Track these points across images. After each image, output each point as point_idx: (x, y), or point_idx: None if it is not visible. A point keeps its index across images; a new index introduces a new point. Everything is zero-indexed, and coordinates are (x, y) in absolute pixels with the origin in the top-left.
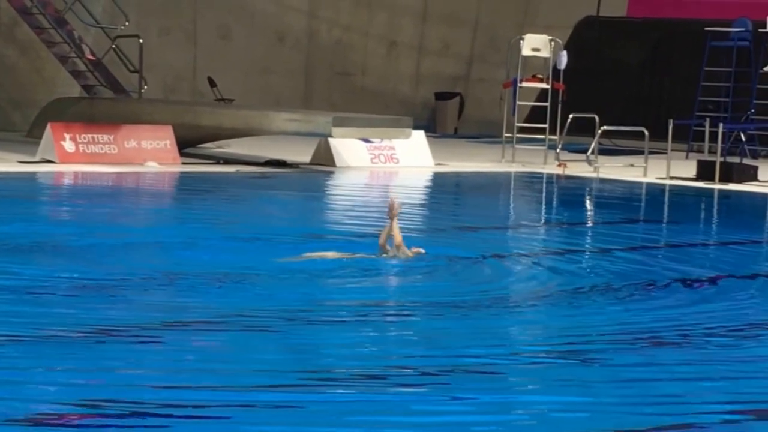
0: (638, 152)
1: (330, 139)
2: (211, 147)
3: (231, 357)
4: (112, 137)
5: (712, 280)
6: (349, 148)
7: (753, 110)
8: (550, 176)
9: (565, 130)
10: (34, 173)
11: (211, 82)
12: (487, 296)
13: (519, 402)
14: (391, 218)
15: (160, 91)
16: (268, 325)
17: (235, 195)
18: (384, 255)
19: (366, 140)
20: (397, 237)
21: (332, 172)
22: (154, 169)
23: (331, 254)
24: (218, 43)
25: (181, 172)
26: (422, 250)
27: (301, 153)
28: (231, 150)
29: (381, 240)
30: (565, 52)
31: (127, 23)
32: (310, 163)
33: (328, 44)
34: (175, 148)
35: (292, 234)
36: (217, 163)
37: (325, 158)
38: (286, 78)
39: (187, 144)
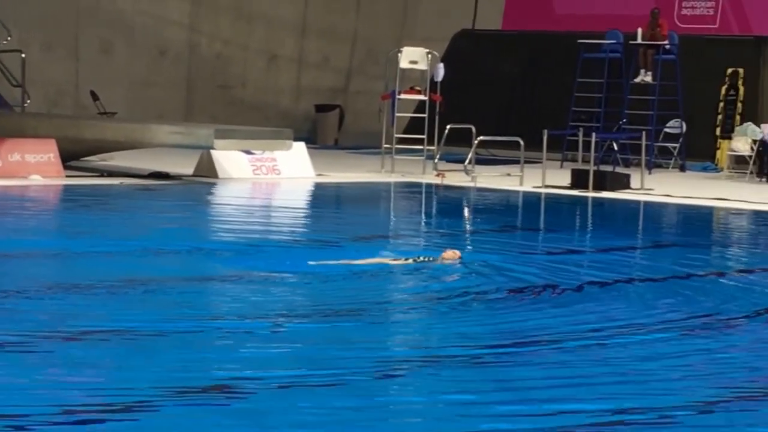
0: (514, 162)
1: (212, 151)
2: (95, 160)
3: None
4: None
5: (582, 286)
6: (231, 160)
7: (625, 120)
8: (428, 186)
9: (443, 141)
10: None
11: (94, 96)
12: (364, 304)
13: (403, 402)
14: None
15: (43, 105)
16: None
17: (119, 207)
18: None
19: (248, 152)
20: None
21: (215, 184)
22: (38, 182)
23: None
24: (100, 58)
25: (65, 185)
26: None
27: (183, 165)
28: (114, 162)
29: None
30: (442, 65)
31: (9, 38)
32: (193, 175)
33: (209, 58)
34: (59, 161)
35: (176, 244)
36: (101, 175)
37: (207, 170)
38: (168, 91)
39: (70, 157)
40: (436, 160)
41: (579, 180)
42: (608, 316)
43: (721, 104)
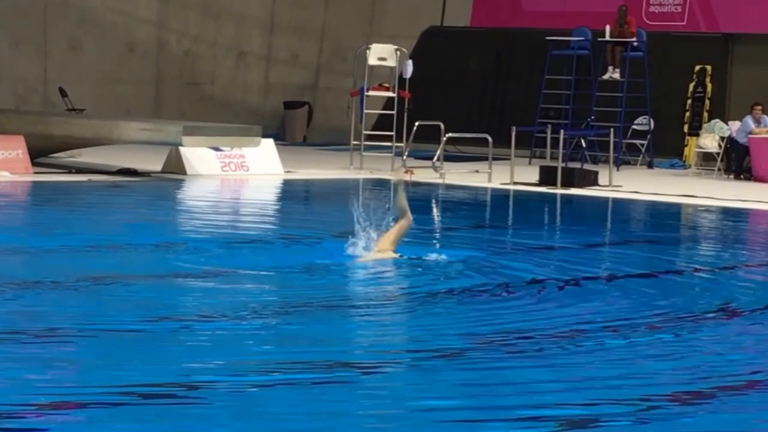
0: (482, 158)
1: (181, 148)
2: (63, 156)
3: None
4: None
5: (550, 284)
6: (200, 157)
7: (593, 117)
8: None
9: (411, 138)
10: None
11: (62, 93)
12: (338, 301)
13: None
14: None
15: (11, 101)
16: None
17: (87, 203)
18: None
19: (216, 149)
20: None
21: (183, 181)
22: (6, 178)
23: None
24: (69, 55)
25: (33, 182)
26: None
27: (152, 162)
28: (83, 159)
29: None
30: (410, 61)
31: None
32: (162, 172)
33: (178, 55)
34: (27, 157)
35: (145, 241)
36: (69, 172)
37: (176, 167)
38: (137, 88)
39: (39, 154)
40: (404, 157)
41: (547, 177)
42: (585, 314)
43: (689, 101)
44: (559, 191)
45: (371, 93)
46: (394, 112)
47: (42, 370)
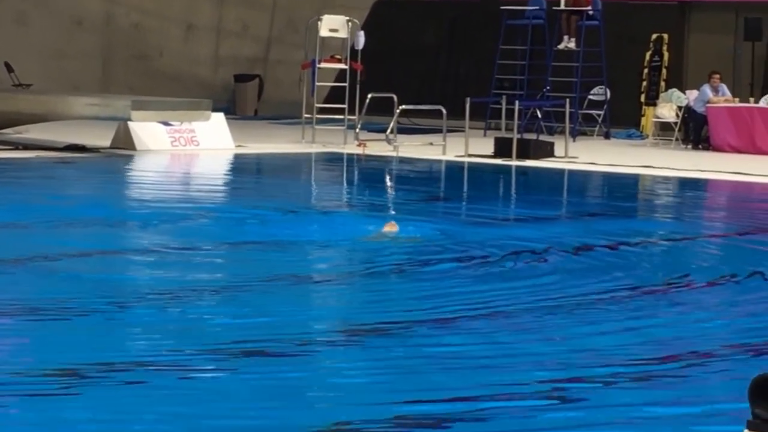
0: (437, 131)
1: (129, 123)
2: (10, 133)
3: None
4: None
5: (503, 258)
6: (149, 132)
7: (548, 87)
8: (350, 156)
9: (364, 110)
10: None
11: (8, 68)
12: (285, 277)
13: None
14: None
15: None
16: None
17: (34, 180)
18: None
19: (166, 123)
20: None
21: (132, 156)
22: None
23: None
24: (15, 29)
25: None
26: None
27: (100, 137)
28: (29, 135)
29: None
30: (362, 33)
31: None
32: (110, 147)
33: (126, 28)
34: None
35: (91, 217)
36: (16, 149)
37: (125, 142)
38: (84, 62)
39: None
40: (357, 130)
41: (502, 148)
42: (541, 287)
43: (646, 70)
44: (515, 163)
45: (323, 65)
46: (346, 84)
47: None
